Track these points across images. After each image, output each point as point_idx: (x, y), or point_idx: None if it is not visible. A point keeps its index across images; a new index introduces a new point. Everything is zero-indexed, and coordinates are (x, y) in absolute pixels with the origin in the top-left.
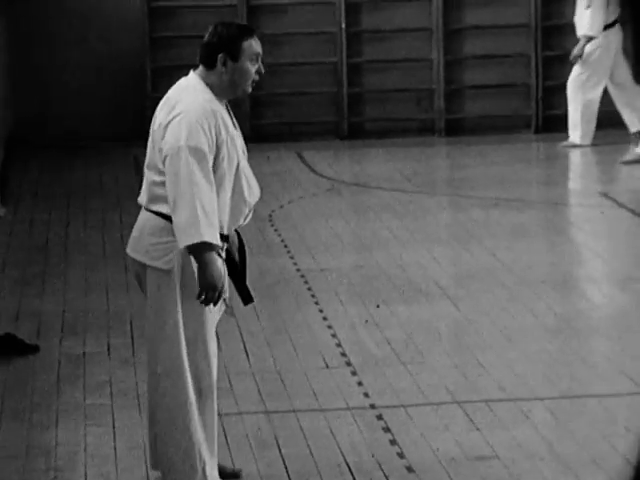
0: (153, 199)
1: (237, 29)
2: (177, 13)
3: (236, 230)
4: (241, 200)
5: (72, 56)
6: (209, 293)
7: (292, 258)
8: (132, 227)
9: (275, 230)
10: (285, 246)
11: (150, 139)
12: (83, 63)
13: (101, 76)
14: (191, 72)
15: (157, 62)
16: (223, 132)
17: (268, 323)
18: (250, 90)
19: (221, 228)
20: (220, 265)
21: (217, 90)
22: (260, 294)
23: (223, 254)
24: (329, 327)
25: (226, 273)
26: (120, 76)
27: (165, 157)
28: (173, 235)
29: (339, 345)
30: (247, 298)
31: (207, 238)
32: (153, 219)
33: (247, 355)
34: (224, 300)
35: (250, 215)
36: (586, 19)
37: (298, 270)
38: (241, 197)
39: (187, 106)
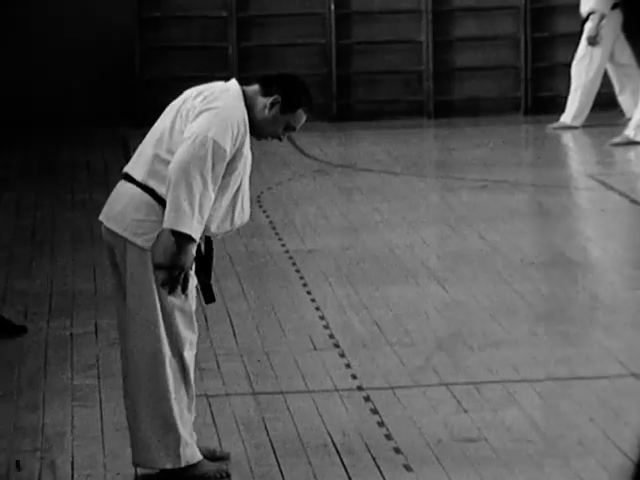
0: (152, 175)
1: (307, 95)
2: (167, 24)
3: None
4: (229, 218)
5: (60, 37)
6: (175, 272)
7: (280, 240)
8: None
9: (263, 212)
10: (273, 228)
11: (170, 117)
12: (71, 43)
13: (89, 57)
14: (234, 80)
15: (146, 43)
16: (245, 148)
17: (256, 304)
18: (260, 140)
19: (204, 230)
20: (192, 254)
21: (252, 112)
22: (248, 275)
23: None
24: (317, 309)
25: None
26: (109, 57)
27: (185, 139)
28: (159, 216)
29: (327, 327)
30: (209, 297)
31: (194, 234)
32: (142, 195)
33: (235, 336)
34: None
35: (228, 235)
36: None
37: (286, 252)
38: (230, 215)
39: (227, 105)
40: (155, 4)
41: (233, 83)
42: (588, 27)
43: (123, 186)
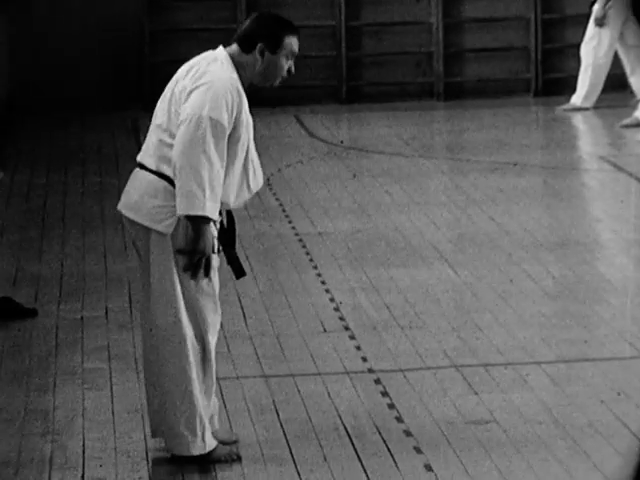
0: (163, 160)
1: (282, 23)
2: (174, 7)
3: None
4: (245, 186)
5: (69, 21)
6: (196, 257)
7: (290, 222)
8: None
9: (273, 194)
10: (283, 210)
11: (166, 100)
12: (80, 27)
13: (99, 40)
14: (220, 47)
15: (155, 26)
16: (243, 114)
17: (266, 287)
18: (277, 84)
19: (223, 205)
20: (212, 234)
21: (245, 74)
22: (258, 258)
23: (217, 227)
24: (327, 291)
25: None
26: (118, 40)
27: (182, 122)
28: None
29: (337, 309)
30: (239, 271)
31: (208, 213)
32: (158, 182)
33: (245, 319)
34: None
35: (248, 202)
36: None
37: (296, 234)
38: (245, 183)
39: (215, 78)
40: (162, 17)
41: (220, 51)
42: (595, 8)
43: (138, 174)
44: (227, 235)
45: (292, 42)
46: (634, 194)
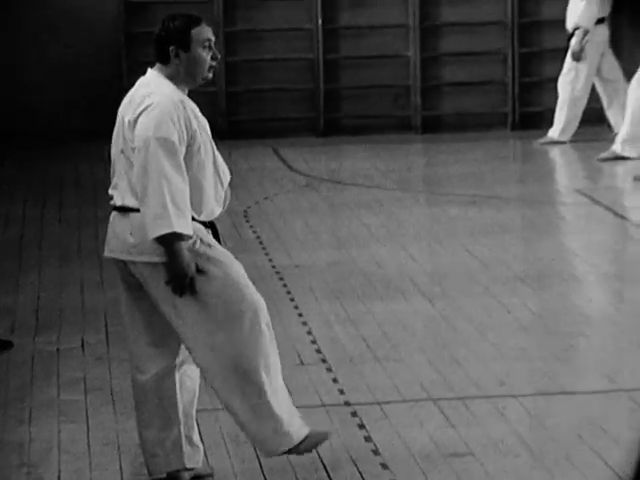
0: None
1: (184, 19)
2: (153, 8)
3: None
4: (218, 183)
5: (47, 50)
6: (179, 280)
7: (267, 254)
8: (106, 222)
9: (250, 226)
10: (260, 242)
11: (119, 142)
12: (58, 58)
13: (77, 71)
14: (149, 70)
15: (133, 57)
16: (194, 121)
17: None
18: (210, 76)
19: (210, 216)
20: (188, 254)
21: (177, 82)
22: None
23: (211, 238)
24: (304, 324)
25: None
26: (96, 71)
27: (134, 149)
28: None
29: (314, 342)
30: None
31: (177, 228)
32: None
33: None
34: None
35: (229, 199)
36: (580, 10)
37: (273, 267)
38: (219, 183)
39: (154, 99)
40: (142, 20)
41: (149, 73)
42: (573, 42)
43: (123, 218)
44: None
45: (200, 31)
46: (611, 227)
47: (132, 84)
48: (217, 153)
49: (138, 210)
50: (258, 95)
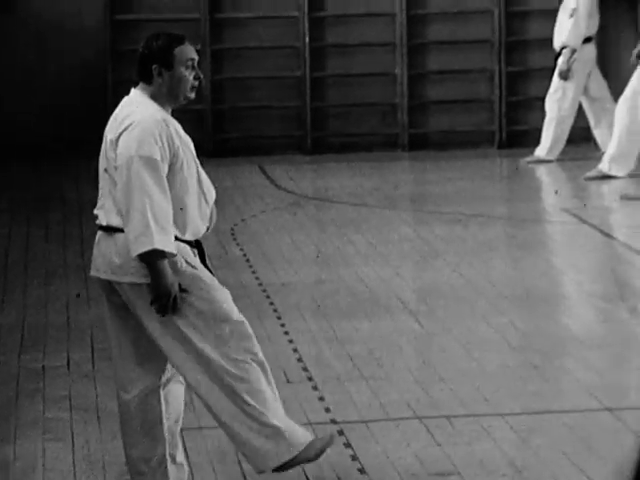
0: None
1: (167, 38)
2: (139, 26)
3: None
4: (202, 201)
5: (33, 68)
6: (163, 300)
7: (254, 272)
8: (92, 240)
9: (237, 244)
10: (247, 260)
11: (103, 153)
12: (44, 75)
13: (62, 89)
14: (132, 89)
15: (119, 75)
16: (176, 139)
17: None
18: (192, 96)
19: (196, 234)
20: (171, 273)
21: (160, 101)
22: None
23: (197, 259)
24: (290, 342)
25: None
26: (81, 89)
27: (117, 168)
28: None
29: (300, 360)
30: None
31: (159, 245)
32: None
33: None
34: None
35: (215, 217)
36: (567, 29)
37: (260, 284)
38: (203, 199)
39: (136, 117)
40: (128, 37)
41: (132, 93)
42: (560, 61)
43: (109, 238)
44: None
45: (183, 50)
46: (597, 246)
47: (117, 101)
48: (201, 171)
49: (123, 230)
50: (245, 113)
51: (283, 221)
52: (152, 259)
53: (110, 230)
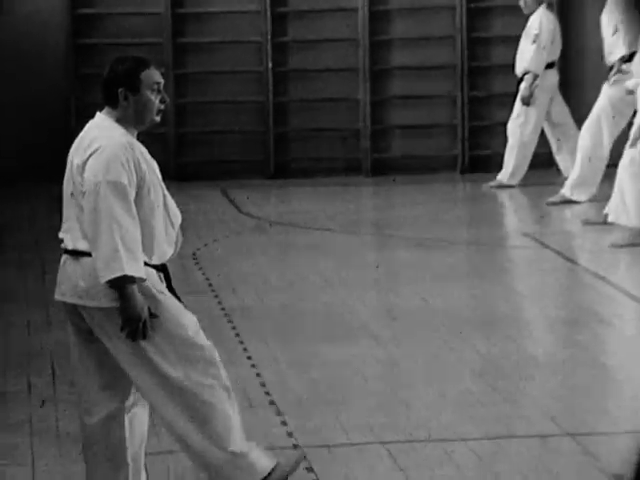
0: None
1: (133, 62)
2: (102, 50)
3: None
4: (169, 225)
5: None
6: (133, 325)
7: (217, 297)
8: (55, 265)
9: (200, 269)
10: (210, 285)
11: (69, 186)
12: (6, 99)
13: (25, 112)
14: (97, 113)
15: (82, 99)
16: (143, 164)
17: None
18: (158, 120)
19: (162, 259)
20: (141, 297)
21: (126, 125)
22: None
23: (164, 283)
24: (253, 366)
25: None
26: (44, 113)
27: (84, 193)
28: None
29: (263, 384)
30: None
31: (129, 271)
32: None
33: None
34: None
35: (180, 241)
36: (530, 55)
37: (222, 309)
38: (169, 223)
39: (103, 142)
40: (91, 60)
41: (97, 116)
42: (522, 87)
43: (75, 262)
44: (169, 290)
45: (149, 74)
46: (559, 271)
47: (81, 124)
48: (167, 195)
49: (90, 254)
50: (208, 137)
51: (246, 246)
52: (122, 285)
53: (76, 254)
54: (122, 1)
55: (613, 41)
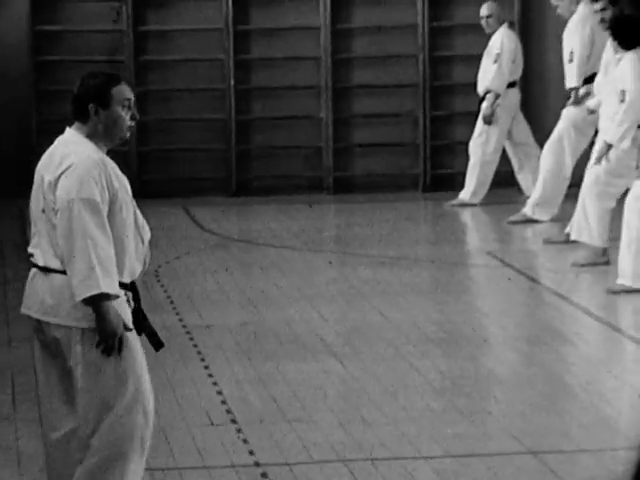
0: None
1: (104, 77)
2: (63, 67)
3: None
4: (139, 241)
5: None
6: (110, 341)
7: (178, 314)
8: (17, 281)
9: (161, 286)
10: (171, 302)
11: (39, 194)
12: None
13: None
14: (67, 129)
15: (42, 116)
16: (115, 181)
17: (152, 379)
18: (127, 136)
19: (132, 276)
20: (117, 312)
21: (96, 141)
22: (144, 349)
23: (132, 303)
24: (214, 384)
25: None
26: (5, 129)
27: (57, 211)
28: None
29: (224, 402)
30: (158, 344)
31: (105, 289)
32: (67, 279)
33: None
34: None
35: (148, 258)
36: (491, 74)
37: (184, 326)
38: (139, 239)
39: (75, 159)
40: (51, 77)
41: (67, 132)
42: (484, 106)
43: (43, 278)
44: (136, 311)
45: (120, 90)
46: (521, 289)
47: (42, 141)
48: (138, 211)
49: (59, 272)
50: (170, 155)
51: (208, 263)
52: (98, 302)
53: (46, 271)
54: (83, 18)
55: (568, 69)
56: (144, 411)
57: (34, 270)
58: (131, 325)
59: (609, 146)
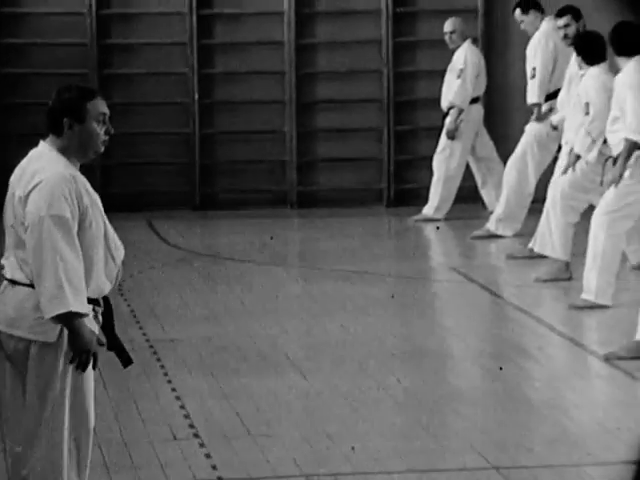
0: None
1: (79, 91)
2: (27, 80)
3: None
4: (110, 260)
5: None
6: (83, 356)
7: (141, 328)
8: None
9: (125, 300)
10: (134, 316)
11: (10, 209)
12: None
13: None
14: (41, 142)
15: (6, 129)
16: (85, 197)
17: (115, 393)
18: (102, 150)
19: (99, 293)
20: (89, 328)
21: (69, 155)
22: (108, 363)
23: (100, 319)
24: (177, 398)
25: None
26: None
27: (27, 227)
28: None
29: (187, 416)
30: (127, 360)
31: (74, 308)
32: (34, 293)
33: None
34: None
35: (120, 274)
36: (455, 89)
37: (147, 340)
38: (110, 258)
39: (46, 175)
40: (16, 90)
41: (41, 146)
42: (448, 121)
43: (11, 290)
44: (108, 324)
45: (95, 104)
46: (484, 305)
47: (5, 156)
48: (109, 228)
49: (26, 285)
50: (133, 168)
51: (172, 277)
52: (69, 320)
53: (13, 283)
54: (47, 31)
55: (530, 85)
56: (86, 430)
57: (5, 282)
58: (104, 340)
59: (578, 157)
